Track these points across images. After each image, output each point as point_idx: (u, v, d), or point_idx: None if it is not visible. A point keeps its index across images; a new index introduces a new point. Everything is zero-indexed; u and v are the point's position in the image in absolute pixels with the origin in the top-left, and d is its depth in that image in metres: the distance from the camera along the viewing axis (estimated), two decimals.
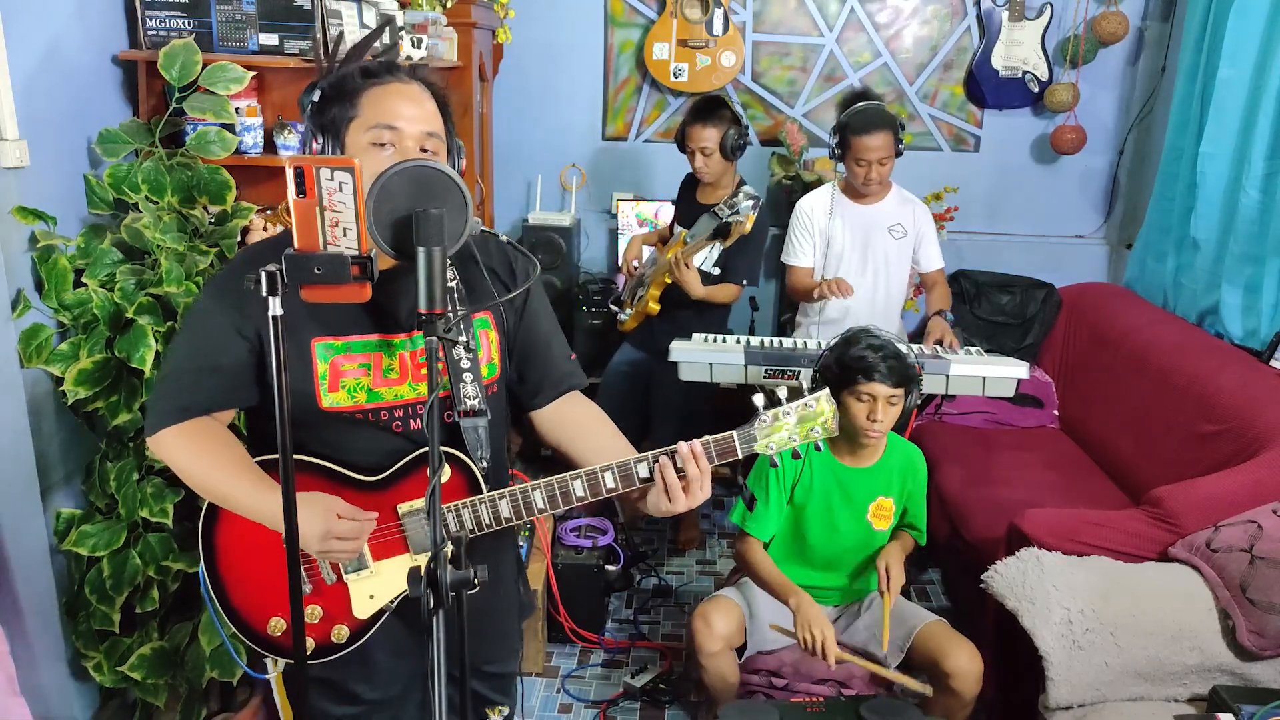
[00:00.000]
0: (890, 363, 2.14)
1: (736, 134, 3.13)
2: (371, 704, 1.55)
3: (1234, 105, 3.09)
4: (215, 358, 1.38)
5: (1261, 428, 2.48)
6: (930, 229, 3.12)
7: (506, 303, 1.53)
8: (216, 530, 1.47)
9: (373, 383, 1.41)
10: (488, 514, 1.42)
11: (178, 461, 1.42)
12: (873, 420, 2.17)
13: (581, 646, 2.94)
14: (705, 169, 3.17)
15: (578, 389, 1.62)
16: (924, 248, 3.11)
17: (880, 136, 2.90)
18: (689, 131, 3.15)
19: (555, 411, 1.60)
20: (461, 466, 1.42)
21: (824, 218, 3.09)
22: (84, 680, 2.21)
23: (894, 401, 2.17)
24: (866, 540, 2.32)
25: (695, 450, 1.38)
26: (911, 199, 3.14)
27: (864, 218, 3.08)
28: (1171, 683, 2.09)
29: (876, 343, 2.17)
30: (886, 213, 3.08)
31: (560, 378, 1.60)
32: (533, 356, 1.58)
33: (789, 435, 1.42)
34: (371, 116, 1.33)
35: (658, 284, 3.18)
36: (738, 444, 1.40)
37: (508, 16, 3.95)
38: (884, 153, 2.92)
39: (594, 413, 1.62)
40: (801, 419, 1.42)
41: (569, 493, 1.41)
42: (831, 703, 2.06)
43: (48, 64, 2.07)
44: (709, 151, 3.13)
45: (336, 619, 1.46)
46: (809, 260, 3.15)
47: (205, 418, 1.42)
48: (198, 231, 2.19)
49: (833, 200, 3.10)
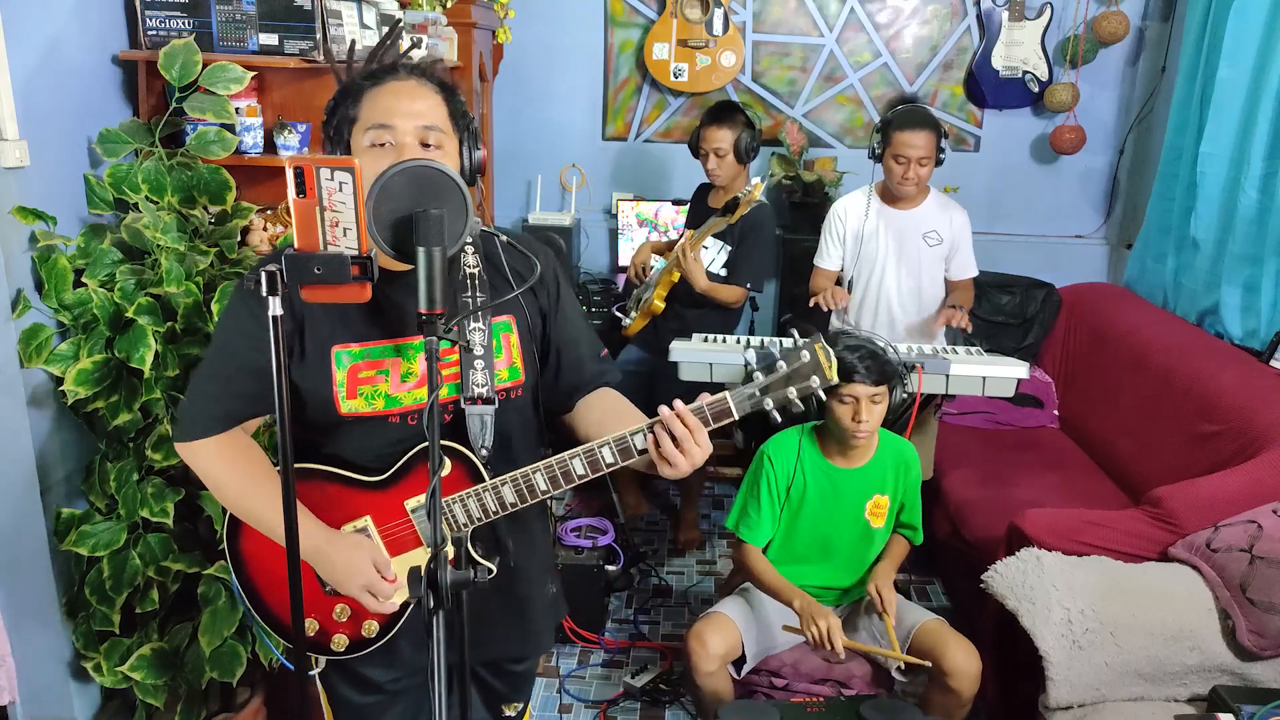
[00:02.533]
0: (868, 362, 2.14)
1: (749, 137, 3.16)
2: (394, 693, 1.56)
3: (1234, 105, 3.09)
4: (246, 362, 1.38)
5: (1261, 428, 2.48)
6: (966, 238, 3.04)
7: (531, 302, 1.51)
8: (241, 538, 1.50)
9: (390, 388, 1.40)
10: (492, 501, 1.40)
11: (210, 473, 1.44)
12: (858, 421, 2.17)
13: (581, 646, 2.94)
14: (718, 171, 3.19)
15: (610, 385, 1.60)
16: (957, 256, 3.04)
17: (923, 135, 2.84)
18: (703, 133, 3.18)
19: (586, 406, 1.57)
20: (461, 458, 1.42)
21: (858, 221, 3.04)
22: (84, 680, 2.21)
23: (877, 400, 2.17)
24: (865, 539, 2.32)
25: (678, 409, 1.33)
26: (952, 205, 3.07)
27: (899, 222, 3.02)
28: (1171, 683, 2.09)
29: (854, 343, 2.18)
30: (923, 218, 3.02)
31: (593, 376, 1.58)
32: (565, 359, 1.56)
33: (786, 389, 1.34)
34: (369, 118, 1.34)
35: (664, 283, 3.19)
36: (733, 404, 1.34)
37: (508, 16, 3.95)
38: (924, 152, 2.86)
39: (624, 404, 1.58)
40: (797, 371, 1.34)
41: (570, 472, 1.38)
42: (831, 703, 2.06)
43: (48, 64, 2.06)
44: (722, 153, 3.15)
45: (365, 615, 1.47)
46: (834, 264, 3.12)
47: (238, 429, 1.45)
48: (198, 231, 2.19)
49: (869, 203, 3.05)
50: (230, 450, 1.43)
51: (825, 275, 3.14)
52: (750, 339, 2.92)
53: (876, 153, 2.96)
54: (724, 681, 2.20)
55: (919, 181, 2.92)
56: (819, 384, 1.34)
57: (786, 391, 1.34)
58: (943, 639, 2.15)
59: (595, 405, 1.57)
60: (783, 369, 1.34)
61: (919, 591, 3.24)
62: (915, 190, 2.98)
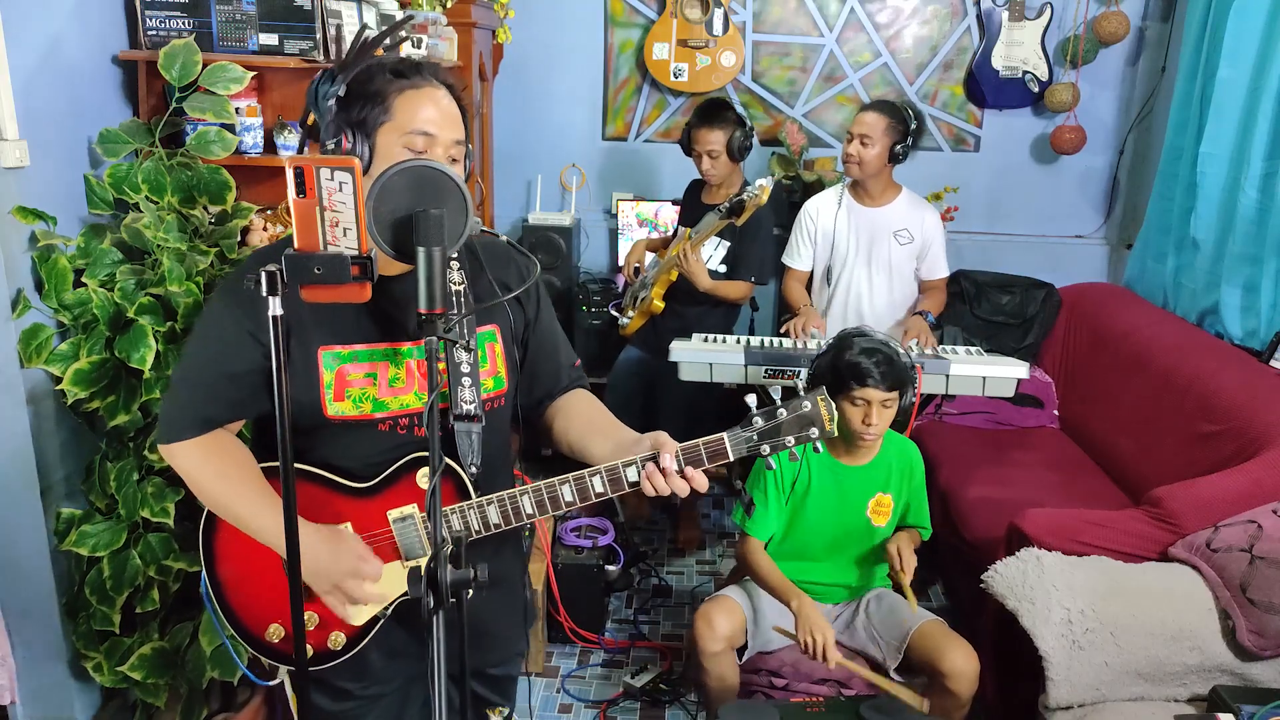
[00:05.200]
0: (883, 368, 2.13)
1: (742, 135, 3.12)
2: (367, 699, 1.55)
3: (1234, 105, 3.09)
4: (231, 364, 1.37)
5: (1261, 428, 2.48)
6: (939, 238, 3.06)
7: (517, 311, 1.52)
8: (216, 537, 1.48)
9: (378, 392, 1.40)
10: (476, 520, 1.41)
11: (193, 475, 1.42)
12: (868, 424, 2.17)
13: (581, 646, 2.94)
14: (713, 171, 3.16)
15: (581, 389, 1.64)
16: (928, 257, 3.07)
17: (872, 114, 2.87)
18: (695, 135, 3.14)
19: (563, 409, 1.59)
20: (451, 473, 1.41)
21: (828, 219, 3.07)
22: (84, 680, 2.21)
23: (889, 405, 2.17)
24: (867, 537, 2.32)
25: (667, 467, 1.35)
26: (923, 205, 3.10)
27: (870, 220, 3.05)
28: (1171, 683, 2.09)
29: (870, 345, 2.17)
30: (894, 217, 3.04)
31: (568, 384, 1.62)
32: (540, 364, 1.58)
33: (784, 437, 1.38)
34: (405, 122, 1.31)
35: (662, 282, 3.18)
36: (729, 446, 1.38)
37: (508, 16, 3.95)
38: (867, 130, 2.88)
39: (597, 406, 1.60)
40: (797, 420, 1.38)
41: (557, 498, 1.39)
42: (831, 703, 2.06)
43: (48, 64, 2.06)
44: (716, 154, 3.12)
45: (333, 626, 1.45)
46: (804, 264, 3.14)
47: (221, 430, 1.43)
48: (198, 231, 2.19)
49: (840, 201, 3.07)
50: (211, 449, 1.41)
51: (798, 275, 3.16)
52: (750, 339, 2.93)
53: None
54: (730, 665, 2.19)
55: (862, 160, 2.93)
56: (816, 435, 1.38)
57: (784, 439, 1.38)
58: (941, 641, 2.15)
59: (572, 408, 1.59)
60: (783, 416, 1.37)
61: (919, 591, 3.23)
62: (860, 172, 2.98)
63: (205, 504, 1.44)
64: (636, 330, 3.38)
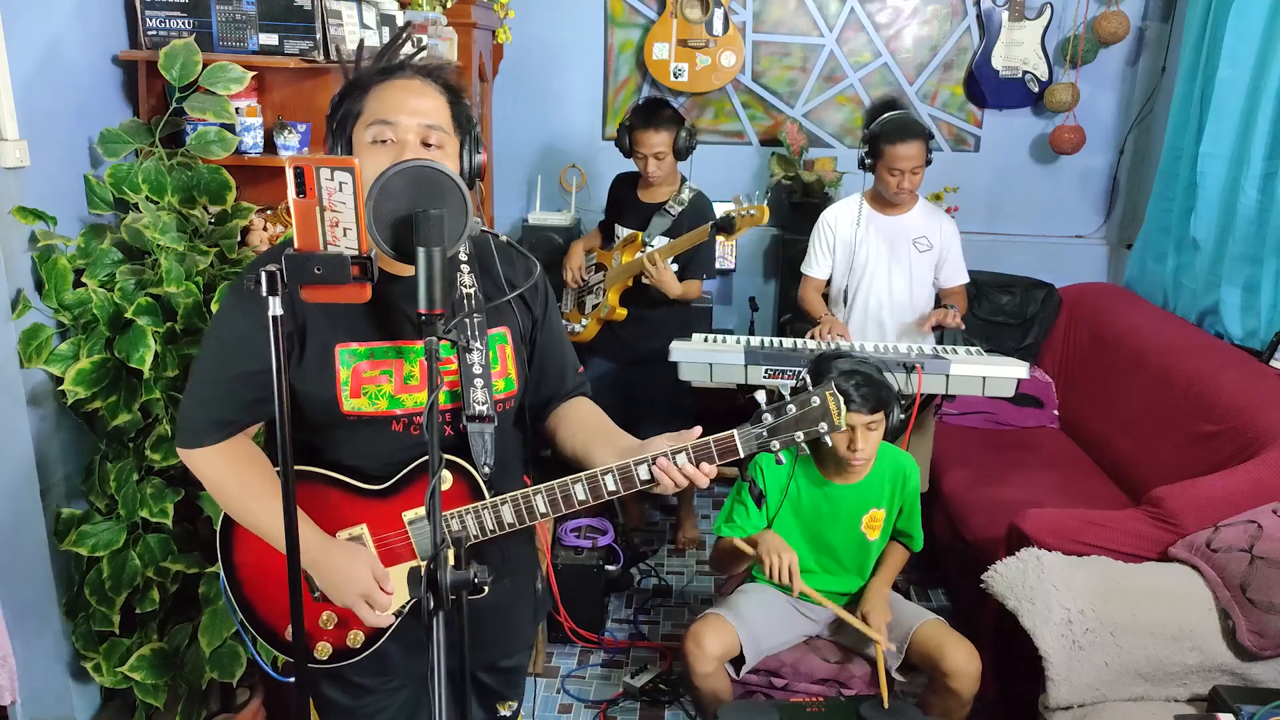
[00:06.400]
0: (864, 390, 2.10)
1: (686, 134, 3.10)
2: (386, 693, 1.56)
3: (1234, 105, 3.10)
4: (245, 363, 1.37)
5: (1261, 428, 2.48)
6: (955, 244, 3.05)
7: (524, 311, 1.53)
8: (234, 536, 1.49)
9: (394, 389, 1.40)
10: (490, 519, 1.41)
11: (215, 482, 1.43)
12: (853, 450, 2.14)
13: (581, 646, 2.95)
14: (658, 173, 3.13)
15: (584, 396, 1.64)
16: (947, 264, 3.05)
17: (915, 146, 2.86)
18: (639, 137, 3.09)
19: (565, 415, 1.60)
20: (464, 474, 1.42)
21: (850, 229, 3.05)
22: (84, 681, 2.21)
23: (873, 427, 2.14)
24: (861, 549, 2.32)
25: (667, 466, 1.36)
26: (937, 212, 3.09)
27: (891, 228, 3.03)
28: (1171, 683, 2.09)
29: (848, 368, 2.14)
30: (913, 224, 3.03)
31: (572, 388, 1.63)
32: (547, 363, 1.58)
33: (794, 433, 1.37)
34: (372, 113, 1.34)
35: (616, 289, 3.14)
36: (739, 442, 1.37)
37: (508, 16, 3.94)
38: (917, 162, 2.87)
39: (600, 414, 1.61)
40: (807, 415, 1.37)
41: (570, 496, 1.40)
42: (831, 703, 2.06)
43: (48, 64, 2.06)
44: (662, 155, 3.09)
45: (351, 625, 1.46)
46: (823, 273, 3.12)
47: (241, 436, 1.44)
48: (198, 231, 2.19)
49: (860, 211, 3.06)
50: (233, 457, 1.43)
51: (816, 284, 3.15)
52: (750, 339, 2.92)
53: (867, 164, 2.96)
54: (722, 682, 2.19)
55: (913, 189, 2.95)
56: (826, 430, 1.38)
57: (794, 434, 1.37)
58: (942, 640, 2.15)
59: (576, 416, 1.59)
60: (792, 412, 1.37)
61: (919, 591, 3.24)
62: (910, 199, 3.01)
63: (226, 510, 1.46)
64: (594, 338, 3.31)
